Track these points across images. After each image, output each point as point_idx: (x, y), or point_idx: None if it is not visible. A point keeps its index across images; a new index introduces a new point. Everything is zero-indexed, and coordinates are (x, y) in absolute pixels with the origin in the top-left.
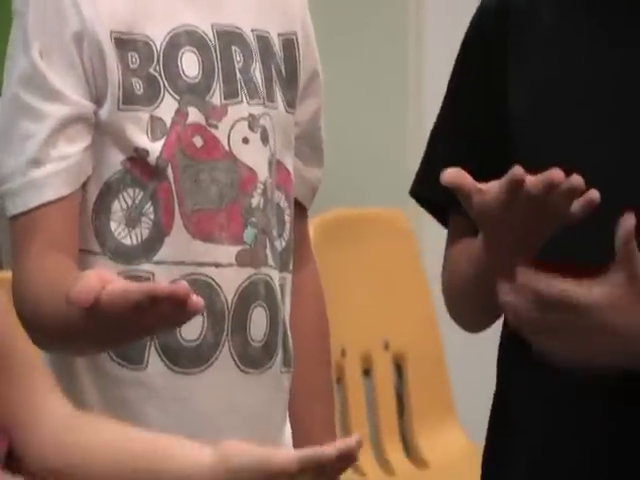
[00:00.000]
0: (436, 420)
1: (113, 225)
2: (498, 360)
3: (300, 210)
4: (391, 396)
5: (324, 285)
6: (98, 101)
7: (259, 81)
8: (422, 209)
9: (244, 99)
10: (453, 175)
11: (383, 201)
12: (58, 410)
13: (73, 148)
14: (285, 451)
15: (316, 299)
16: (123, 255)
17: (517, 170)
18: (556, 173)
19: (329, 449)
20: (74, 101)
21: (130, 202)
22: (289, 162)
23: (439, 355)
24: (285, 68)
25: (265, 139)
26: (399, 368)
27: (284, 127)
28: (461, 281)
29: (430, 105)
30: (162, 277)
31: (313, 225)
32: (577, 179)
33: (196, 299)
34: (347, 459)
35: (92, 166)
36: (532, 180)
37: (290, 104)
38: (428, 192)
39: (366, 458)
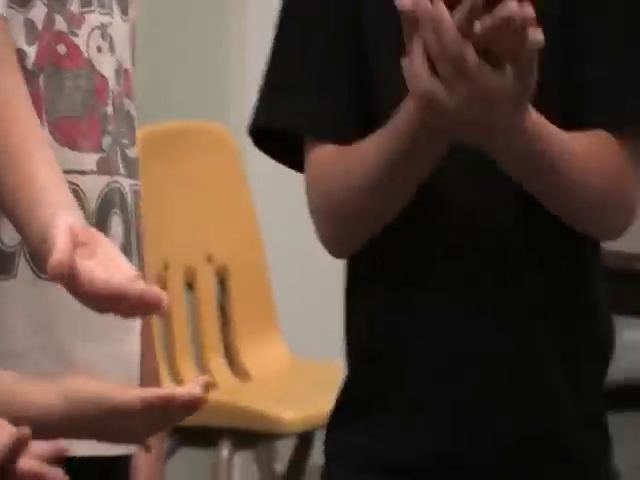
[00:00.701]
0: (259, 333)
1: None
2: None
3: None
4: (214, 309)
5: (147, 198)
6: None
7: None
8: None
9: (96, 8)
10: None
11: (206, 116)
12: None
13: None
14: (130, 389)
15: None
16: None
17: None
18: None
19: (177, 392)
20: None
21: None
22: (132, 70)
23: (262, 269)
24: None
25: (112, 48)
26: (223, 282)
27: (124, 36)
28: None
29: (253, 18)
30: None
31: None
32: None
33: (165, 303)
34: (194, 406)
35: None
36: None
37: (124, 12)
38: (281, 119)
39: (189, 372)
